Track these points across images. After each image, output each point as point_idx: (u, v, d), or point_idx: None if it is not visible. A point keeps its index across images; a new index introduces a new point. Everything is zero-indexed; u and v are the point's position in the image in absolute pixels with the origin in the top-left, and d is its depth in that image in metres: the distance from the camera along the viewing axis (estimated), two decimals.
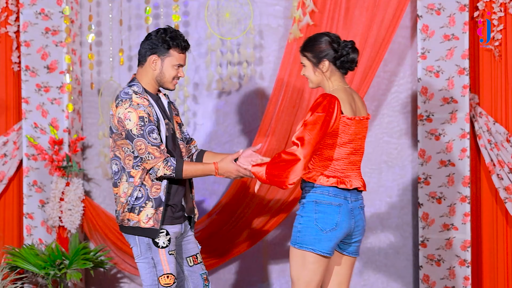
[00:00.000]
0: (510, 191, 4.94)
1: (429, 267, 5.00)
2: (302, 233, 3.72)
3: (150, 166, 3.77)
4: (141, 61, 3.91)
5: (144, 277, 3.88)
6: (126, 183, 3.84)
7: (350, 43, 3.77)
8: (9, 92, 5.57)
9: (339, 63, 3.75)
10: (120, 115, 3.79)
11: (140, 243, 3.85)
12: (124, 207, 3.85)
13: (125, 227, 3.88)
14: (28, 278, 5.41)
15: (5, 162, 5.49)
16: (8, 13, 5.52)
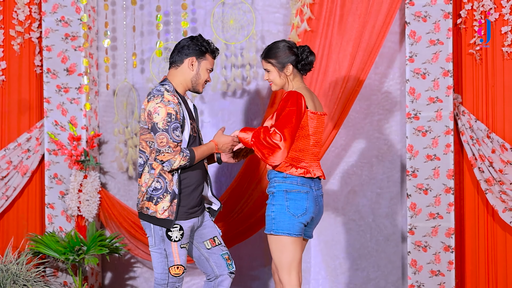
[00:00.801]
0: (490, 183, 4.99)
1: (417, 253, 5.03)
2: (276, 220, 3.91)
3: (167, 158, 3.80)
4: (176, 62, 3.97)
5: (156, 265, 3.95)
6: (148, 174, 3.89)
7: (307, 48, 4.03)
8: (32, 93, 5.60)
9: (300, 66, 4.01)
10: (150, 109, 3.83)
11: (155, 234, 3.90)
12: (144, 195, 3.90)
13: (144, 215, 3.93)
14: (50, 263, 5.44)
15: (28, 156, 5.52)
16: (32, 20, 5.57)
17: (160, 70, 5.51)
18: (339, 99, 5.09)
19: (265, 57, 4.05)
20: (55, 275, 5.48)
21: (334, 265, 5.46)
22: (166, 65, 5.48)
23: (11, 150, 5.55)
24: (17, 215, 5.65)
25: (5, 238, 5.60)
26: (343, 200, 5.44)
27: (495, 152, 5.04)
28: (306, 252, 5.45)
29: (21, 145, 5.56)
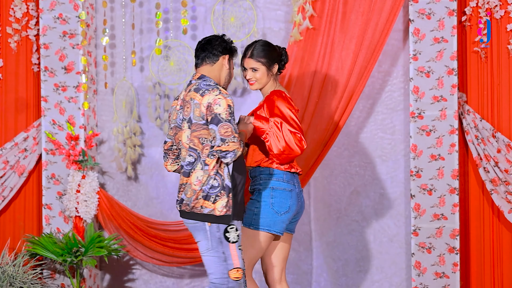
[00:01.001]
0: (495, 183, 5.00)
1: (421, 254, 5.05)
2: (258, 216, 4.04)
3: (232, 148, 3.78)
4: (210, 59, 3.97)
5: (214, 270, 3.86)
6: (201, 171, 3.84)
7: (284, 49, 4.26)
8: (29, 91, 5.59)
9: (281, 66, 4.21)
10: (209, 101, 3.82)
11: (212, 237, 3.84)
12: (198, 194, 3.83)
13: (197, 214, 3.85)
14: (47, 265, 5.45)
15: (25, 156, 5.53)
16: (29, 17, 5.57)
17: (159, 69, 5.53)
18: (342, 98, 5.10)
19: (256, 56, 4.18)
20: (52, 277, 5.50)
21: (336, 267, 5.48)
22: (165, 63, 5.50)
23: (8, 150, 5.57)
24: (14, 216, 5.67)
25: (1, 240, 5.61)
26: (345, 201, 5.46)
27: (500, 152, 5.04)
28: (307, 253, 5.47)
29: (18, 145, 5.58)
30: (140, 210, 5.62)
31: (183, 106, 3.95)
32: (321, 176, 5.43)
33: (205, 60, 4.01)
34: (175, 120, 3.99)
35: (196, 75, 4.01)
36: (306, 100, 5.10)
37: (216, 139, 3.82)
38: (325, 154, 5.17)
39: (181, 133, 3.95)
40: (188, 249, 5.37)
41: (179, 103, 3.99)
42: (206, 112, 3.85)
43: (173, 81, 5.52)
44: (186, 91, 3.98)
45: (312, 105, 5.11)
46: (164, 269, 5.62)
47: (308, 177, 5.18)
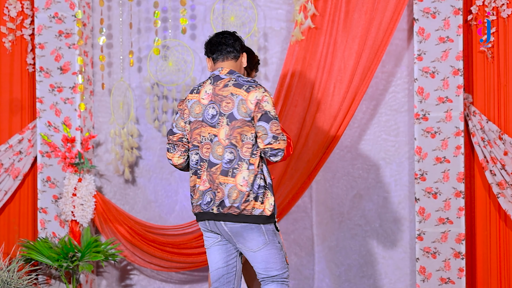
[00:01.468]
0: (502, 187, 5.00)
1: (425, 259, 5.06)
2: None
3: (283, 146, 3.78)
4: (234, 54, 3.91)
5: (275, 262, 3.84)
6: (247, 170, 3.76)
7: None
8: (24, 92, 5.61)
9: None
10: (258, 98, 3.76)
11: (267, 231, 3.80)
12: (247, 195, 3.76)
13: (247, 216, 3.78)
14: (42, 270, 5.46)
15: (20, 159, 5.54)
16: (24, 16, 5.58)
17: (157, 69, 5.53)
18: (345, 98, 5.12)
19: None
20: (48, 283, 5.50)
21: (339, 272, 5.48)
22: (164, 64, 5.51)
23: (2, 152, 5.57)
24: (8, 220, 5.67)
25: None
26: (348, 204, 5.47)
27: (507, 154, 5.04)
28: (309, 258, 5.49)
29: (13, 147, 5.57)
30: (138, 214, 5.62)
31: (217, 101, 3.82)
32: (324, 179, 5.43)
33: (229, 54, 3.93)
34: (199, 114, 3.83)
35: (225, 70, 3.90)
36: (308, 101, 5.13)
37: (266, 136, 3.77)
38: (327, 157, 5.17)
39: (209, 129, 3.81)
40: (187, 254, 5.37)
41: (208, 97, 3.84)
42: (254, 109, 3.78)
43: (172, 81, 5.51)
44: (214, 85, 3.84)
45: (314, 106, 5.12)
46: (162, 274, 5.62)
47: (310, 180, 5.19)
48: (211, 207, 3.80)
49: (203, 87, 3.88)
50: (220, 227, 3.82)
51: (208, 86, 3.87)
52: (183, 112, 3.90)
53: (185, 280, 5.59)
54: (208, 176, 3.81)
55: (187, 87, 5.45)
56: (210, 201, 3.81)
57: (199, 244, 5.30)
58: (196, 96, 3.87)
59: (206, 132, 3.82)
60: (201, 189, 3.83)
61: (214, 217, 3.81)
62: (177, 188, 5.55)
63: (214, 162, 3.80)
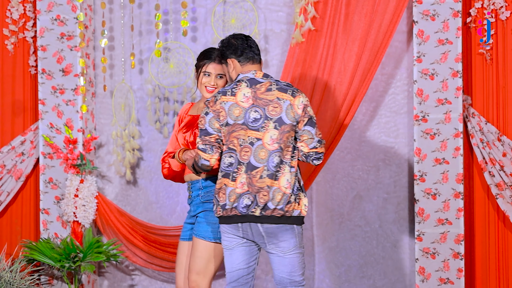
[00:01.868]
0: (501, 188, 5.02)
1: (425, 260, 5.07)
2: (217, 229, 4.03)
3: (324, 150, 3.90)
4: (260, 59, 3.97)
5: (299, 267, 3.91)
6: (289, 173, 3.81)
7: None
8: (27, 94, 5.60)
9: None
10: (304, 102, 3.83)
11: (298, 233, 3.87)
12: (290, 197, 3.81)
13: (288, 218, 3.83)
14: (44, 270, 5.46)
15: (22, 160, 5.54)
16: (26, 19, 5.58)
17: (159, 71, 5.53)
18: (345, 100, 5.13)
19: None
20: (50, 283, 5.50)
21: (339, 273, 5.49)
22: (165, 66, 5.51)
23: (5, 154, 5.58)
24: (11, 221, 5.67)
25: None
26: (348, 206, 5.47)
27: (506, 156, 5.05)
28: (309, 258, 5.50)
29: (15, 149, 5.58)
30: (139, 215, 5.62)
31: (260, 105, 3.82)
32: (324, 180, 5.43)
33: (257, 57, 3.96)
34: (239, 117, 3.82)
35: (259, 73, 3.91)
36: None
37: (312, 141, 3.84)
38: (327, 158, 5.18)
39: (250, 132, 3.82)
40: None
41: (247, 100, 3.83)
42: (302, 114, 3.84)
43: (173, 83, 5.52)
44: (253, 88, 3.84)
45: (314, 108, 5.12)
46: (164, 275, 5.63)
47: (310, 181, 5.20)
48: (251, 210, 3.81)
49: (239, 89, 3.84)
50: (254, 228, 3.83)
51: (246, 89, 3.84)
52: (218, 113, 3.85)
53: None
54: (247, 179, 3.81)
55: (188, 88, 5.45)
56: (249, 204, 3.82)
57: None
58: (233, 99, 3.84)
59: (246, 135, 3.82)
60: (238, 192, 3.82)
61: (254, 219, 3.82)
62: (178, 189, 5.56)
63: (255, 166, 3.80)
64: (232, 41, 3.96)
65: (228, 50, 3.94)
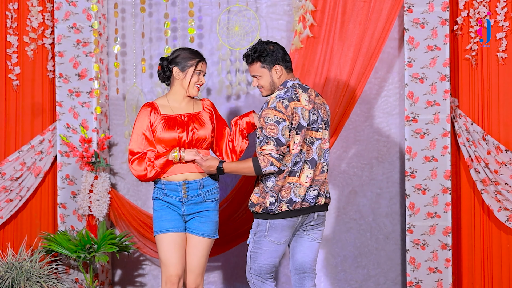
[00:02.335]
0: (486, 183, 5.07)
1: (415, 251, 5.09)
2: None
3: None
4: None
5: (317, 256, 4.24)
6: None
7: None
8: (45, 97, 5.61)
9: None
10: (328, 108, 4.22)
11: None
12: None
13: (327, 205, 4.24)
14: (62, 261, 5.46)
15: (41, 158, 5.54)
16: (45, 27, 5.59)
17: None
18: (340, 102, 5.14)
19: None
20: (67, 272, 5.50)
21: (335, 263, 5.52)
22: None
23: (25, 152, 5.58)
24: (31, 214, 5.66)
25: (19, 237, 5.62)
26: (344, 200, 5.49)
27: (490, 154, 5.12)
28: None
29: (34, 147, 5.58)
30: (149, 209, 5.58)
31: (316, 108, 4.05)
32: None
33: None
34: (305, 120, 3.99)
35: (300, 80, 4.28)
36: None
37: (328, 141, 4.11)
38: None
39: (311, 132, 4.02)
40: None
41: (308, 104, 4.02)
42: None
43: None
44: (308, 93, 4.03)
45: None
46: None
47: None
48: (317, 200, 4.04)
49: (299, 95, 4.00)
50: (311, 216, 4.04)
51: (304, 95, 4.00)
52: (291, 119, 3.94)
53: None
54: (312, 175, 4.00)
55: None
56: (316, 195, 4.03)
57: None
58: (299, 104, 3.99)
59: (308, 136, 4.00)
60: (306, 185, 3.98)
61: (319, 208, 4.06)
62: None
63: (316, 162, 4.01)
64: (279, 49, 4.06)
65: (277, 56, 4.04)
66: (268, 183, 3.98)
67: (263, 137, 3.91)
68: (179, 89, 4.21)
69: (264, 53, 4.01)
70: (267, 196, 3.97)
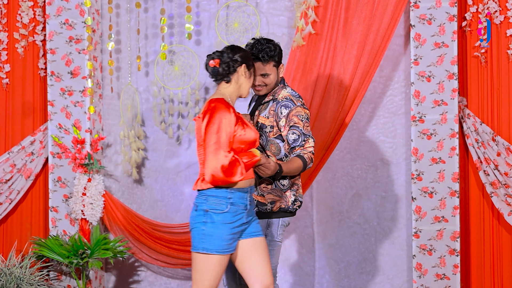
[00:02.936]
0: (495, 186, 5.04)
1: (422, 256, 5.08)
2: None
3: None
4: None
5: None
6: None
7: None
8: (36, 96, 5.60)
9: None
10: None
11: None
12: None
13: None
14: (53, 267, 5.45)
15: (32, 160, 5.54)
16: (36, 23, 5.59)
17: (164, 73, 5.55)
18: (344, 102, 5.14)
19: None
20: (58, 279, 5.51)
21: (338, 269, 5.50)
22: (170, 68, 5.52)
23: (15, 153, 5.59)
24: (21, 218, 5.67)
25: (8, 242, 5.64)
26: (347, 203, 5.48)
27: (500, 155, 5.08)
28: (310, 255, 5.51)
29: (25, 148, 5.59)
30: (145, 213, 5.63)
31: None
32: (324, 179, 5.45)
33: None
34: None
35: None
36: (308, 105, 5.12)
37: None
38: (327, 158, 5.19)
39: None
40: None
41: None
42: None
43: (178, 85, 5.53)
44: None
45: (315, 109, 5.13)
46: (169, 271, 5.64)
47: (311, 180, 5.21)
48: None
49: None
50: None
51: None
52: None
53: (191, 276, 5.33)
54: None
55: (192, 90, 5.45)
56: None
57: None
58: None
59: None
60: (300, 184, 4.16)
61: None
62: (183, 188, 5.57)
63: None
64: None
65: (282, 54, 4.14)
66: (284, 181, 4.04)
67: (302, 135, 3.96)
68: (238, 89, 3.95)
69: (279, 52, 4.08)
70: (285, 194, 4.05)
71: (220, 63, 3.84)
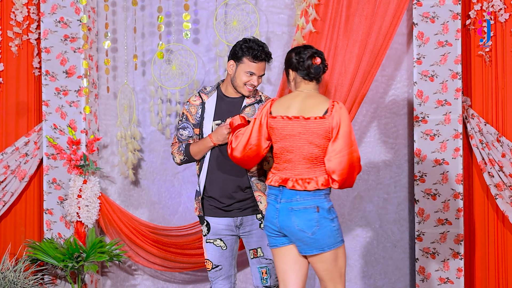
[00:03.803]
0: (500, 188, 5.03)
1: (425, 260, 5.08)
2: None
3: (171, 152, 4.34)
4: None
5: None
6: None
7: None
8: (30, 96, 5.62)
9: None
10: None
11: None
12: None
13: None
14: (48, 270, 5.48)
15: (26, 161, 5.56)
16: (30, 21, 5.60)
17: (161, 72, 5.54)
18: (345, 102, 5.13)
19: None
20: (53, 283, 5.51)
21: None
22: (167, 67, 5.53)
23: (9, 155, 5.60)
24: (15, 221, 5.69)
25: (2, 245, 5.65)
26: (349, 206, 5.48)
27: (505, 156, 5.07)
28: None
29: (19, 149, 5.60)
30: (141, 215, 5.64)
31: None
32: None
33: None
34: None
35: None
36: None
37: None
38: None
39: None
40: (190, 254, 5.39)
41: None
42: None
43: (175, 85, 5.53)
44: None
45: None
46: (166, 274, 5.64)
47: None
48: None
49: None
50: None
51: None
52: None
53: (188, 280, 5.61)
54: None
55: (190, 90, 5.45)
56: None
57: (201, 244, 5.25)
58: None
59: None
60: None
61: None
62: (180, 190, 5.57)
63: None
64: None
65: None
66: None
67: None
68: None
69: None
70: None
71: (321, 61, 3.95)
